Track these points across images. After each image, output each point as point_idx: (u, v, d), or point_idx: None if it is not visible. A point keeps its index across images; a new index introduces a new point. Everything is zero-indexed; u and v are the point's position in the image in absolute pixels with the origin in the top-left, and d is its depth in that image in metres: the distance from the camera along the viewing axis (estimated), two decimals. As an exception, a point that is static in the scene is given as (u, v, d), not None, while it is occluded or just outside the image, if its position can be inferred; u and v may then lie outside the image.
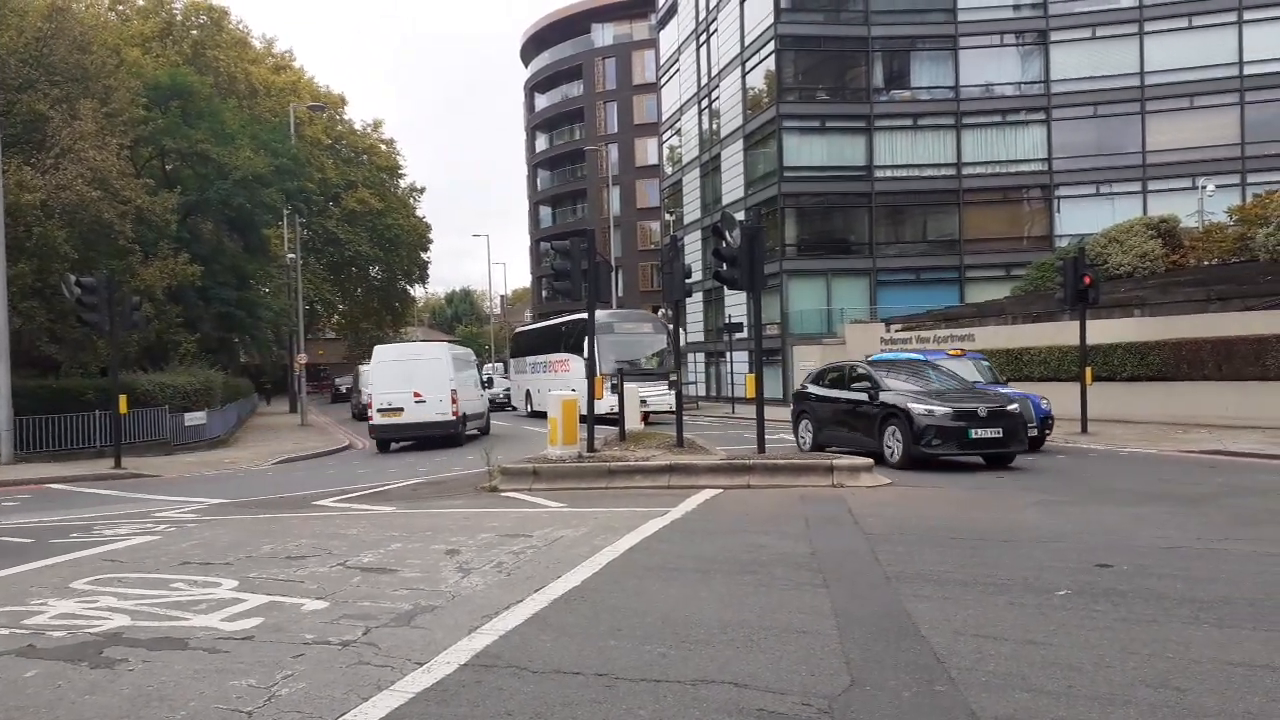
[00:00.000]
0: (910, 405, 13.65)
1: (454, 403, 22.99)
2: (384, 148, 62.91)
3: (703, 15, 44.84)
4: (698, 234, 44.19)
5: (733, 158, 41.36)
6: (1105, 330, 22.64)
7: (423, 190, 66.08)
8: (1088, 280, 18.88)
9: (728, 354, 38.52)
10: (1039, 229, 37.34)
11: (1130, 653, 4.81)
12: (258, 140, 35.34)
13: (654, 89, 57.67)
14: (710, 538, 8.53)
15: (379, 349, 25.18)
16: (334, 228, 54.65)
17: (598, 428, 14.99)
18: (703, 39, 45.07)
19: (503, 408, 41.38)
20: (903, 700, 4.20)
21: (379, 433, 23.28)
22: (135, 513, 12.86)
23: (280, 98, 48.00)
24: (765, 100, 37.99)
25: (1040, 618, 5.53)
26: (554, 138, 77.75)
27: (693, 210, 46.97)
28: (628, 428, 16.73)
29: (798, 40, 37.39)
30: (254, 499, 14.27)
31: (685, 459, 13.29)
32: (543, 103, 78.52)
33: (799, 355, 34.80)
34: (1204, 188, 33.17)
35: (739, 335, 33.90)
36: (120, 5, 41.19)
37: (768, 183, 37.56)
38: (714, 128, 44.22)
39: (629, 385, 17.68)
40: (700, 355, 44.73)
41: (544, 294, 74.07)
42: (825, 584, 6.53)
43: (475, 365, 30.68)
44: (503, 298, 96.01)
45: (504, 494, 12.51)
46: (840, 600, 6.05)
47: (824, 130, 37.63)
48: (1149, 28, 35.61)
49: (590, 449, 14.36)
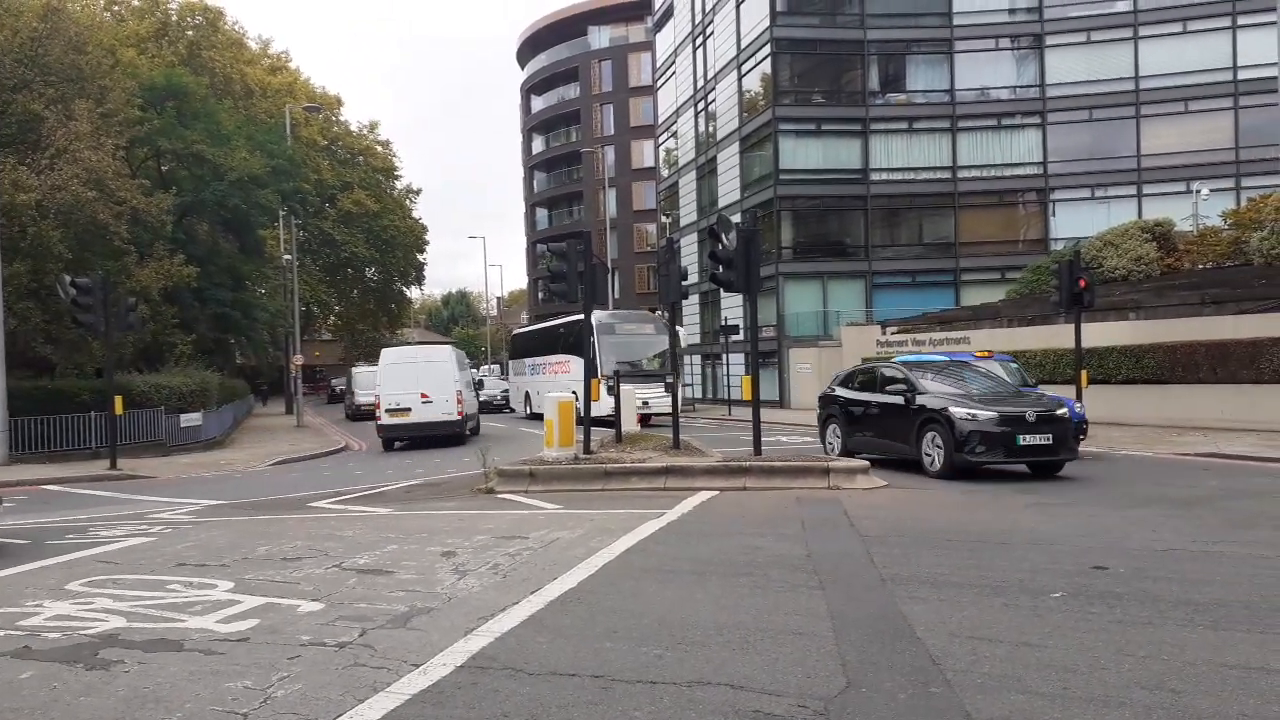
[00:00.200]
0: (951, 409, 12.57)
1: (459, 403, 23.89)
2: (380, 149, 62.87)
3: (699, 18, 44.91)
4: (694, 236, 44.21)
5: (729, 160, 41.41)
6: (1100, 333, 22.70)
7: (419, 192, 66.07)
8: (1083, 283, 18.90)
9: (724, 356, 38.54)
10: (1034, 232, 37.44)
11: (1125, 655, 4.82)
12: (253, 141, 35.31)
13: (650, 91, 57.72)
14: (706, 540, 8.54)
15: (386, 351, 26.15)
16: (330, 229, 54.60)
17: (594, 430, 14.99)
18: (699, 42, 45.13)
19: (500, 410, 41.36)
20: (898, 702, 4.20)
21: (387, 432, 23.94)
22: (131, 514, 12.83)
23: (276, 99, 47.94)
24: (761, 103, 38.05)
25: (1036, 620, 5.54)
26: (550, 140, 77.78)
27: (689, 212, 47.01)
28: (624, 430, 16.73)
29: (794, 43, 37.45)
30: (250, 500, 14.24)
31: (681, 461, 13.29)
32: (539, 105, 78.56)
33: (795, 357, 34.88)
34: (1199, 191, 33.28)
35: (735, 337, 33.93)
36: (115, 5, 41.17)
37: (764, 185, 37.61)
38: (710, 130, 44.27)
39: (626, 387, 17.67)
40: (696, 357, 44.76)
41: (540, 296, 74.05)
42: (821, 586, 6.53)
43: (469, 366, 31.37)
44: (499, 299, 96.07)
45: (500, 496, 12.51)
46: (836, 602, 6.06)
47: (820, 133, 37.70)
48: (1143, 32, 35.75)
49: (587, 451, 14.35)
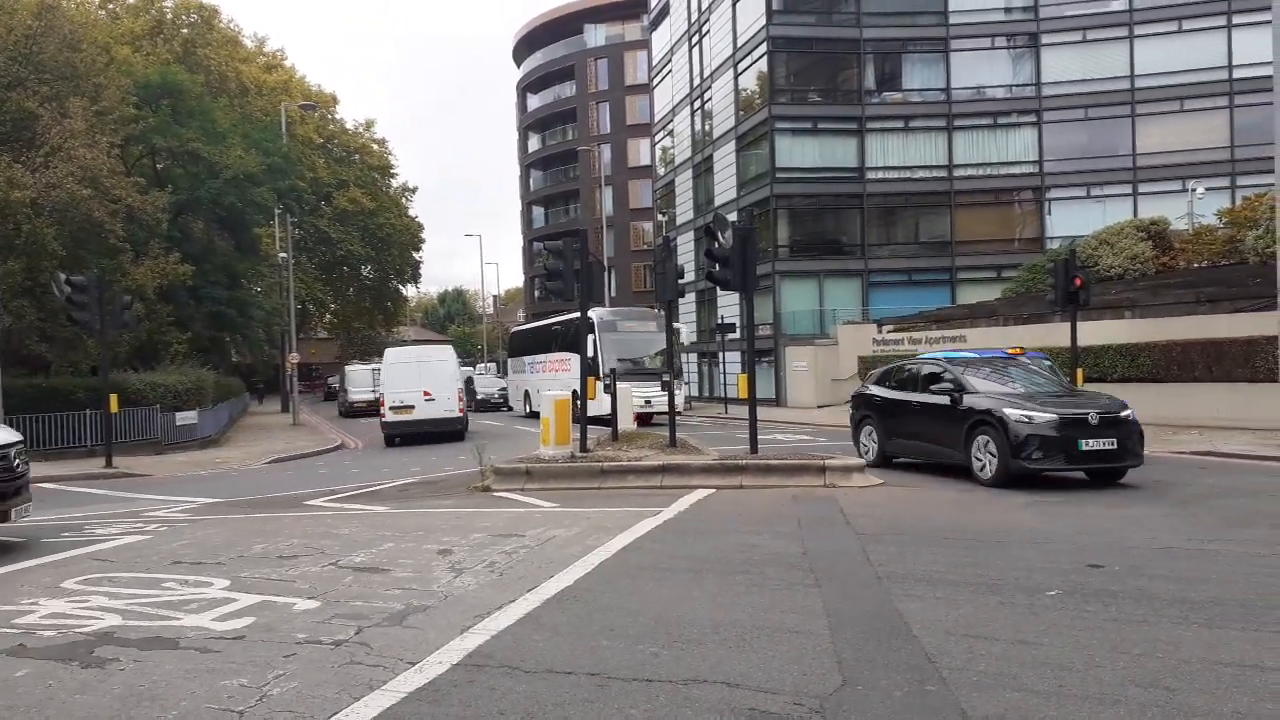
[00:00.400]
0: (1006, 411, 11.50)
1: (460, 400, 25.10)
2: (376, 147, 62.79)
3: (695, 16, 44.88)
4: (690, 235, 44.23)
5: (725, 159, 41.42)
6: (1096, 332, 22.74)
7: (415, 190, 65.95)
8: (1078, 282, 18.96)
9: (720, 354, 38.56)
10: (1030, 231, 37.49)
11: (1120, 652, 4.84)
12: (249, 139, 35.23)
13: (646, 90, 57.70)
14: (703, 538, 8.54)
15: (390, 351, 27.43)
16: (326, 227, 54.52)
17: (591, 428, 15.00)
18: (695, 40, 45.11)
19: (498, 408, 41.30)
20: (894, 700, 4.21)
21: (391, 429, 24.93)
22: (126, 512, 12.81)
23: (272, 97, 47.82)
24: (757, 102, 38.05)
25: (1031, 618, 5.56)
26: (546, 138, 77.72)
27: (685, 211, 47.01)
28: (621, 428, 16.73)
29: (790, 42, 37.45)
30: (246, 498, 14.23)
31: (678, 459, 13.29)
32: (535, 103, 78.49)
33: (791, 356, 34.90)
34: (1194, 190, 33.36)
35: (731, 336, 33.95)
36: (110, 3, 41.03)
37: (760, 184, 37.62)
38: (706, 129, 44.26)
39: (624, 385, 17.67)
40: (693, 356, 44.78)
41: (536, 294, 74.02)
42: (817, 584, 6.54)
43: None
44: (495, 298, 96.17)
45: (497, 494, 12.50)
46: (832, 600, 6.07)
47: (816, 132, 37.70)
48: (1139, 31, 35.80)
49: (583, 449, 14.35)
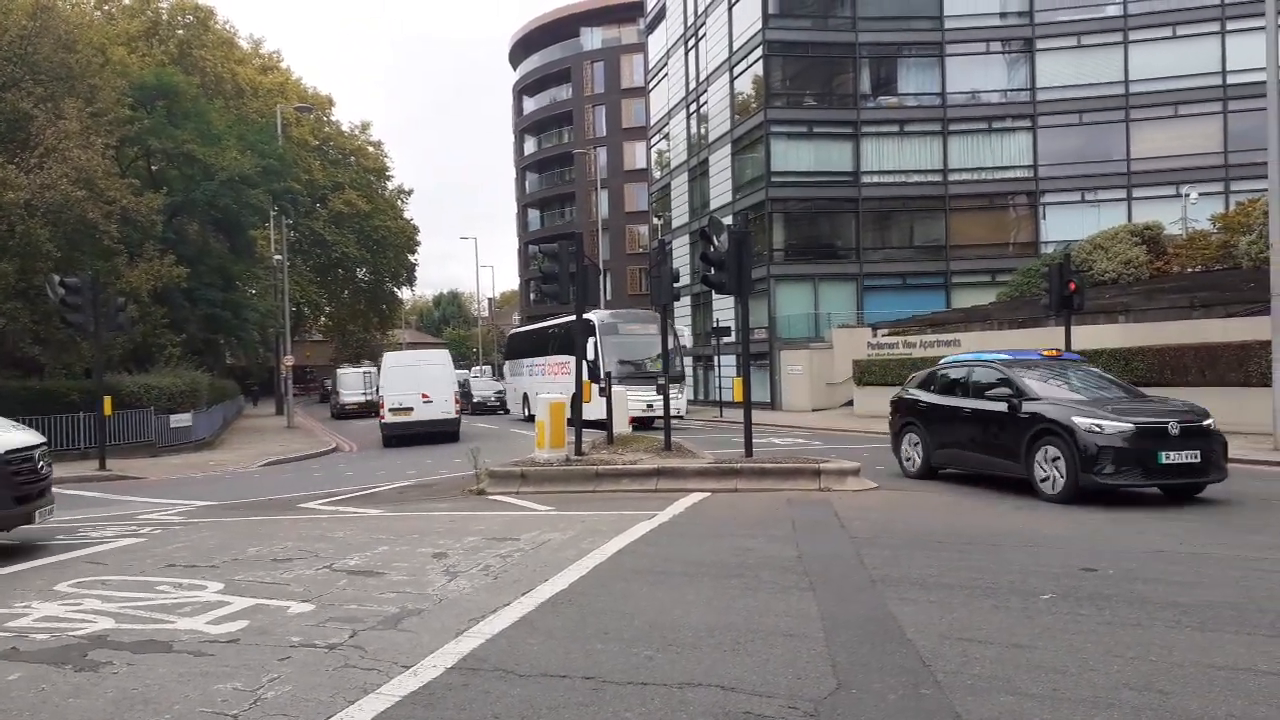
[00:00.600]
0: (1074, 419, 10.42)
1: (456, 402, 26.30)
2: (372, 150, 62.82)
3: (691, 20, 44.95)
4: (686, 238, 44.24)
5: (721, 162, 41.46)
6: (1090, 336, 22.79)
7: (410, 192, 65.99)
8: (1072, 286, 19.03)
9: (715, 358, 38.59)
10: (1024, 235, 37.57)
11: (1114, 656, 4.85)
12: (244, 141, 35.17)
13: (642, 93, 57.79)
14: (697, 541, 8.54)
15: (389, 355, 28.96)
16: (321, 229, 54.50)
17: (586, 431, 14.99)
18: (691, 44, 45.17)
19: (494, 411, 41.19)
20: (888, 703, 4.22)
21: (391, 430, 25.81)
22: (120, 515, 12.77)
23: (267, 98, 47.79)
24: (753, 105, 38.10)
25: (1025, 621, 5.57)
26: (542, 141, 77.74)
27: (681, 214, 47.05)
28: (616, 431, 16.74)
29: (786, 46, 37.51)
30: (240, 501, 14.19)
31: (673, 462, 13.30)
32: (531, 106, 78.50)
33: (786, 359, 34.93)
34: (1188, 195, 33.48)
35: (727, 339, 33.97)
36: (106, 4, 40.96)
37: (755, 187, 37.67)
38: (702, 132, 44.31)
39: (620, 388, 17.68)
40: (688, 359, 44.78)
41: (532, 297, 73.99)
42: (811, 587, 6.55)
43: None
44: (490, 300, 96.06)
45: (491, 497, 12.49)
46: (826, 604, 6.07)
47: (811, 136, 37.77)
48: (1133, 37, 35.93)
49: (578, 452, 14.35)
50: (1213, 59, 35.10)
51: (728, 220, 31.11)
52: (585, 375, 17.13)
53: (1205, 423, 10.69)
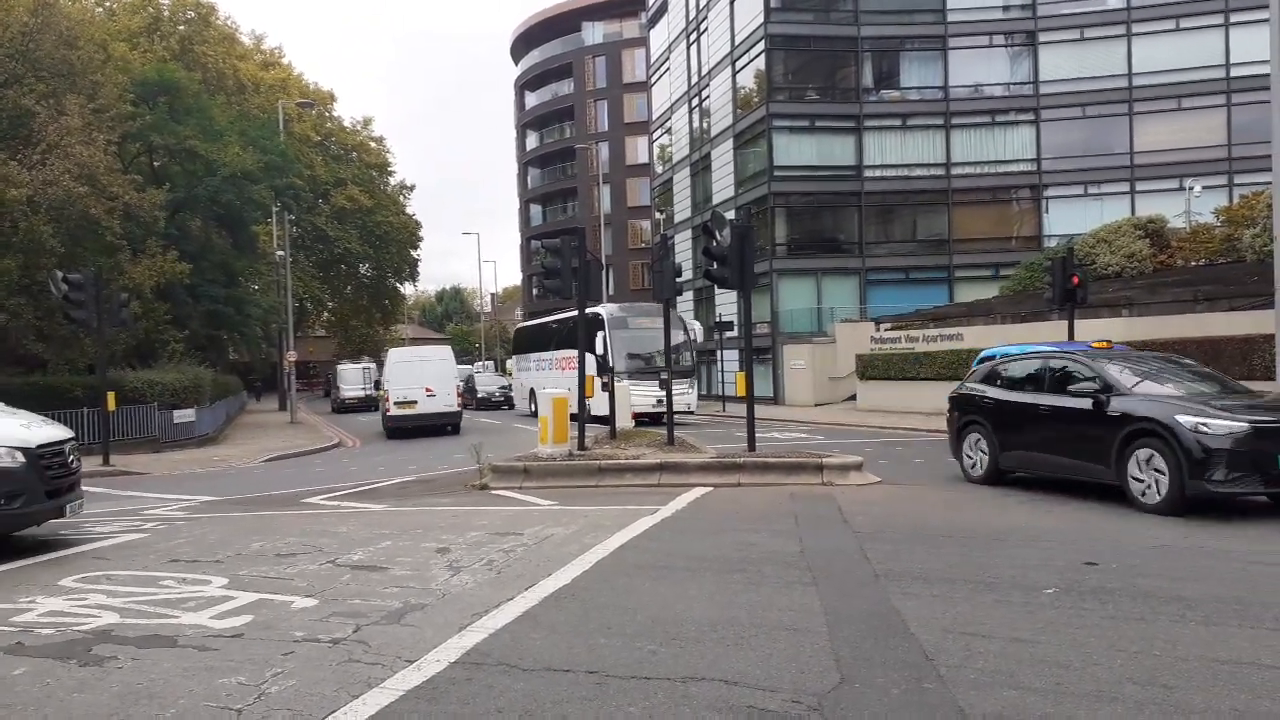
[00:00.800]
0: (1177, 418, 9.10)
1: (459, 396, 27.28)
2: (374, 145, 62.73)
3: (693, 14, 44.84)
4: (688, 232, 44.22)
5: (723, 157, 41.40)
6: (1093, 330, 22.70)
7: (412, 188, 65.88)
8: (1076, 280, 19.01)
9: (718, 352, 38.57)
10: (1028, 229, 37.51)
11: (1118, 650, 4.85)
12: (246, 137, 35.17)
13: (644, 87, 57.66)
14: (700, 536, 8.55)
15: (393, 351, 30.27)
16: (323, 225, 54.48)
17: (589, 426, 15.00)
18: (693, 38, 45.08)
19: (499, 407, 41.13)
20: (892, 698, 4.22)
21: (396, 422, 26.65)
22: (124, 510, 12.80)
23: (269, 94, 47.75)
24: (755, 99, 38.03)
25: (1028, 616, 5.57)
26: (544, 136, 77.66)
27: (683, 209, 46.99)
28: (619, 426, 16.75)
29: (788, 40, 37.43)
30: (243, 496, 14.22)
31: (676, 457, 13.30)
32: (533, 101, 78.41)
33: (789, 354, 34.92)
34: (1191, 188, 33.39)
35: (729, 334, 33.96)
36: (107, 0, 40.93)
37: (758, 182, 37.62)
38: (704, 126, 44.25)
39: (626, 383, 17.70)
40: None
41: (534, 292, 73.97)
42: (815, 582, 6.55)
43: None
44: (493, 296, 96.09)
45: (494, 492, 12.50)
46: (829, 598, 6.07)
47: (814, 130, 37.69)
48: (1137, 29, 35.81)
49: (581, 447, 14.36)
50: (1216, 51, 34.99)
51: (730, 215, 31.11)
52: (595, 370, 17.06)
53: None
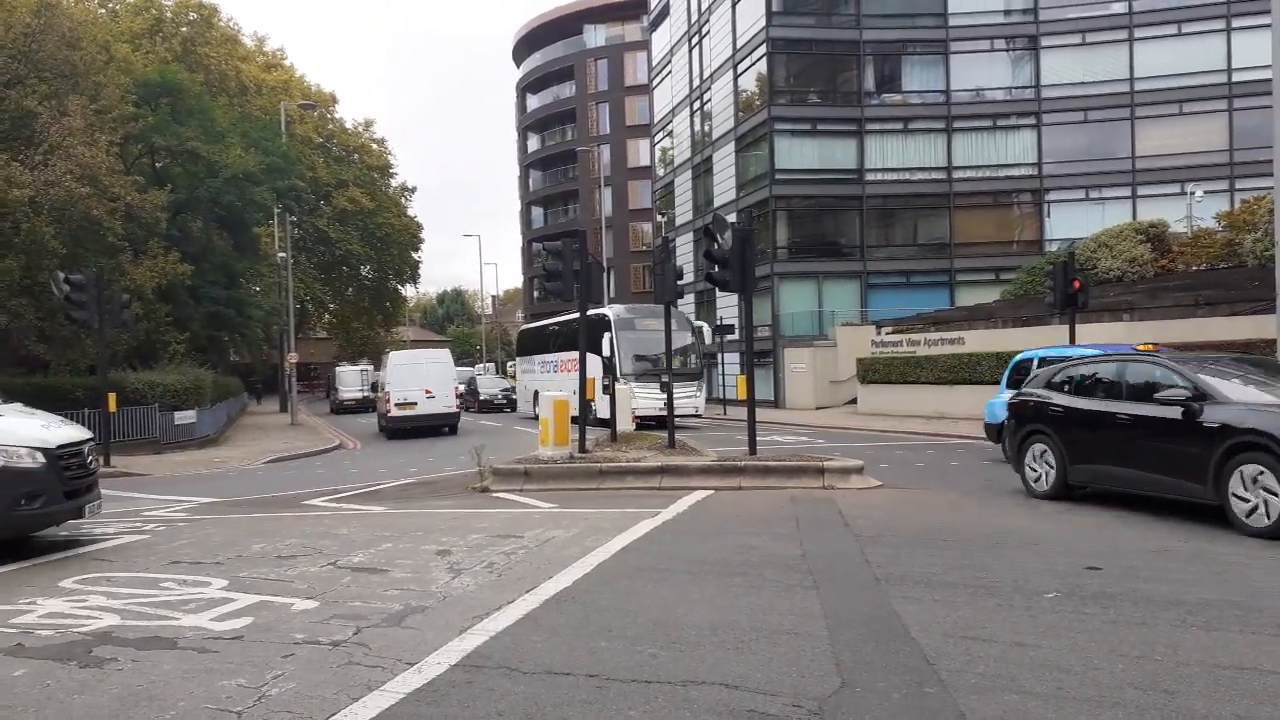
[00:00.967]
0: None
1: (457, 397, 28.46)
2: (375, 147, 62.72)
3: (695, 18, 44.90)
4: (689, 235, 44.23)
5: (724, 160, 41.42)
6: (1095, 334, 22.73)
7: (414, 190, 65.79)
8: (1077, 284, 19.01)
9: (719, 355, 38.58)
10: (1029, 233, 37.51)
11: (1119, 655, 4.84)
12: (248, 138, 35.21)
13: (646, 90, 57.70)
14: (701, 539, 8.54)
15: (393, 354, 30.98)
16: (325, 226, 54.48)
17: (589, 429, 15.00)
18: (695, 41, 45.12)
19: (500, 409, 41.04)
20: (893, 702, 4.21)
21: (397, 423, 27.47)
22: (124, 511, 12.79)
23: (271, 96, 47.79)
24: (757, 103, 38.06)
25: (1029, 620, 5.56)
26: (546, 138, 77.70)
27: (684, 212, 47.02)
28: (620, 429, 16.75)
29: (789, 43, 37.46)
30: (244, 498, 14.22)
31: (676, 460, 13.30)
32: (534, 103, 78.47)
33: (790, 357, 34.91)
34: (1193, 193, 33.38)
35: (730, 337, 33.96)
36: (110, 1, 40.99)
37: (759, 185, 37.63)
38: (706, 130, 44.28)
39: (630, 385, 17.70)
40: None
41: (536, 295, 73.98)
42: (815, 586, 6.54)
43: None
44: (494, 298, 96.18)
45: (495, 494, 12.50)
46: (830, 602, 6.07)
47: (815, 133, 37.72)
48: (1139, 34, 35.84)
49: (582, 450, 14.36)
50: (1218, 56, 35.01)
51: (731, 217, 31.12)
52: (601, 371, 16.93)
53: None
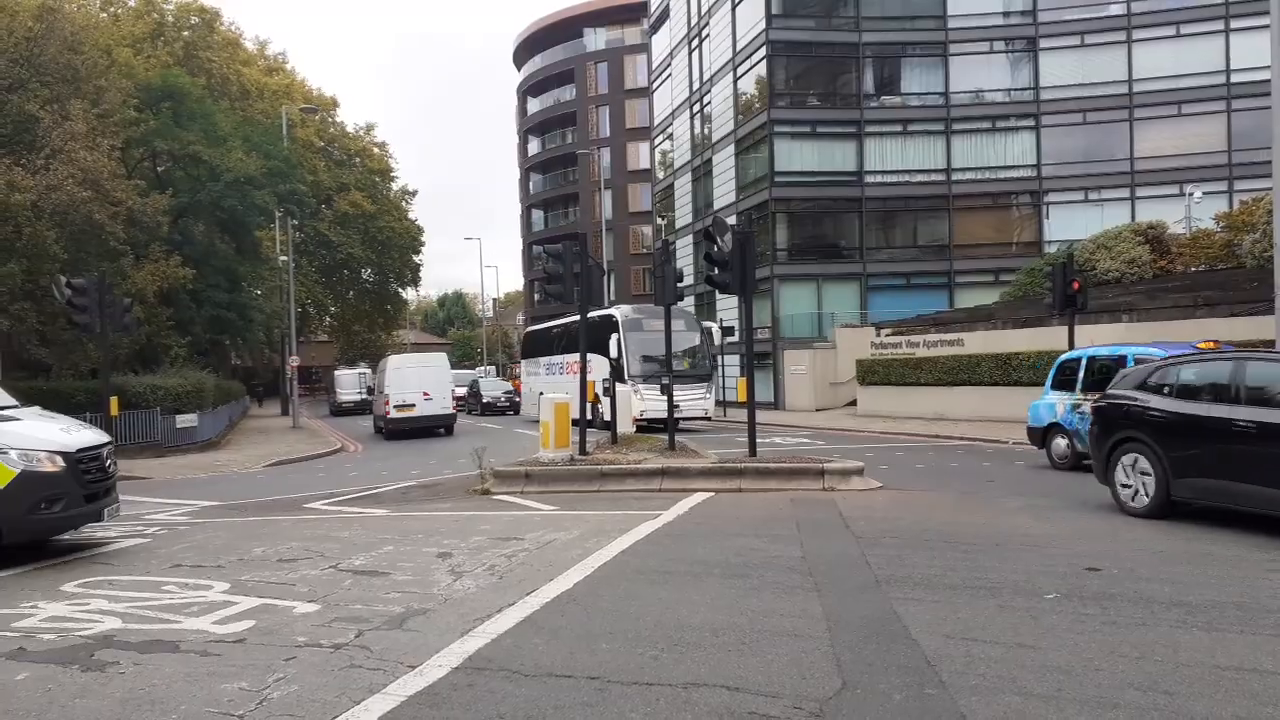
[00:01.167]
0: None
1: (454, 400, 29.41)
2: (376, 150, 62.82)
3: (695, 20, 44.93)
4: (689, 238, 44.24)
5: (724, 162, 41.44)
6: (1094, 335, 22.71)
7: (415, 193, 65.93)
8: (1076, 286, 19.02)
9: (719, 357, 38.54)
10: (1028, 235, 37.50)
11: (1119, 656, 4.85)
12: (250, 142, 35.26)
13: (646, 93, 57.73)
14: (702, 541, 8.55)
15: (392, 358, 31.86)
16: (326, 230, 54.55)
17: (590, 431, 15.01)
18: (695, 44, 45.15)
19: (503, 412, 40.92)
20: (894, 703, 4.22)
21: (396, 424, 28.19)
22: (126, 515, 12.78)
23: (273, 100, 47.86)
24: (756, 105, 38.08)
25: (1030, 621, 5.57)
26: (546, 141, 77.75)
27: (684, 214, 47.03)
28: (620, 431, 16.76)
29: (789, 46, 37.48)
30: (246, 501, 14.23)
31: (677, 462, 13.30)
32: (535, 106, 78.52)
33: (790, 359, 34.91)
34: (1191, 194, 33.38)
35: (730, 339, 33.96)
36: (112, 6, 41.02)
37: (759, 187, 37.65)
38: (705, 132, 44.29)
39: (628, 387, 17.69)
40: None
41: (536, 297, 73.99)
42: (816, 587, 6.55)
43: None
44: (495, 301, 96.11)
45: (496, 497, 12.51)
46: (831, 604, 6.07)
47: (815, 135, 37.73)
48: (1137, 35, 35.85)
49: (583, 452, 14.37)
50: (1216, 57, 35.02)
51: (731, 220, 31.15)
52: (608, 373, 16.85)
53: None
